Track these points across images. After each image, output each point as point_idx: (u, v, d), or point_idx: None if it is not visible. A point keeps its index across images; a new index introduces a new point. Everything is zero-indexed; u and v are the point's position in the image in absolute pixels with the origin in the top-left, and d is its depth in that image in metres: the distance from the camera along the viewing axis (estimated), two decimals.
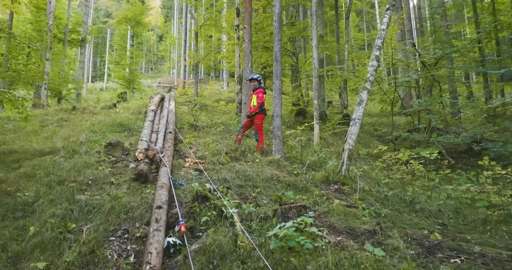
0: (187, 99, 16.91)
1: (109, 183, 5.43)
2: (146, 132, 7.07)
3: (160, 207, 4.10)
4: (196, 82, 16.30)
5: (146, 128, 7.45)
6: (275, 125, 6.96)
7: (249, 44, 10.20)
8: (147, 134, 7.02)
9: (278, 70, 7.03)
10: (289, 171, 6.12)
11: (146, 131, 7.16)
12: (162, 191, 4.58)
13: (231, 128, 10.19)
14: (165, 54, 58.62)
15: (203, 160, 6.67)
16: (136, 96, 23.30)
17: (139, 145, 6.31)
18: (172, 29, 62.31)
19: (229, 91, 22.56)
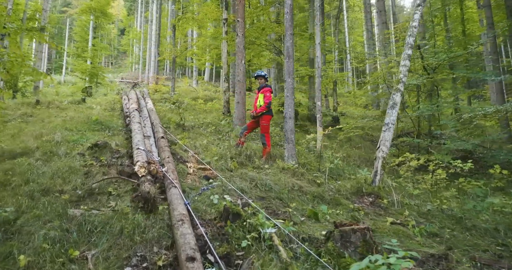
0: (162, 97, 15.84)
1: (106, 194, 4.52)
2: (139, 138, 5.91)
3: (192, 259, 2.72)
4: (173, 78, 15.29)
5: (137, 133, 6.24)
6: (288, 128, 6.30)
7: (242, 39, 9.49)
8: (141, 140, 5.80)
9: (291, 67, 6.37)
10: (309, 180, 5.49)
11: (138, 137, 5.97)
12: (185, 229, 3.20)
13: (221, 129, 9.41)
14: (128, 49, 56.15)
15: (206, 165, 5.88)
16: (100, 91, 21.75)
17: (136, 155, 5.02)
18: (135, 23, 59.90)
19: (203, 89, 21.62)
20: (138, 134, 6.09)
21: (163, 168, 4.61)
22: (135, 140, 5.82)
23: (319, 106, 8.29)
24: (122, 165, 5.25)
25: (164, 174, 4.41)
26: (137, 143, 5.59)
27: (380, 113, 15.77)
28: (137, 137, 5.93)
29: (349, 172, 6.16)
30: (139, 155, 4.91)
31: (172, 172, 4.56)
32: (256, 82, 7.76)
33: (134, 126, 6.76)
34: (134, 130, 6.42)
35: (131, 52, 55.56)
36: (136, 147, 5.30)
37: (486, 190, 6.10)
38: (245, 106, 9.67)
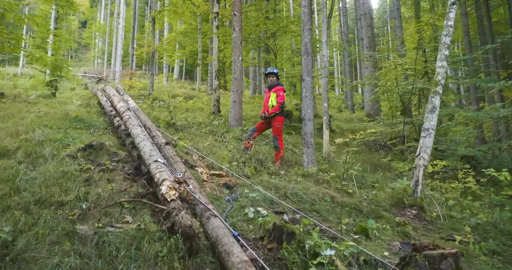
0: (140, 93, 14.85)
1: (117, 206, 3.78)
2: (150, 146, 4.62)
3: None
4: (152, 74, 14.33)
5: (144, 139, 4.94)
6: (307, 131, 5.78)
7: (239, 34, 8.89)
8: (153, 149, 4.55)
9: (309, 64, 5.87)
10: (338, 189, 5.00)
11: (148, 145, 4.69)
12: None
13: (215, 130, 8.74)
14: (90, 42, 53.47)
15: (219, 170, 5.24)
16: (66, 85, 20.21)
17: (157, 170, 3.73)
18: (98, 15, 57.32)
19: (179, 86, 20.69)
20: (145, 141, 4.96)
21: (189, 187, 3.81)
22: (145, 148, 4.57)
23: (325, 108, 7.86)
24: (131, 174, 4.51)
25: (194, 196, 3.45)
26: (150, 153, 4.38)
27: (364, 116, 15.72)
28: (146, 145, 4.72)
29: (372, 179, 5.74)
30: (161, 170, 3.72)
31: (200, 191, 3.70)
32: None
33: (136, 131, 5.53)
34: (138, 135, 5.23)
35: (93, 46, 53.06)
36: (152, 159, 4.14)
37: (503, 198, 5.90)
38: (242, 106, 9.07)
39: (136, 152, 4.91)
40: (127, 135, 5.83)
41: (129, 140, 5.66)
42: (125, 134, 5.95)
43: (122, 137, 6.09)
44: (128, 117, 6.36)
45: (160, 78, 24.45)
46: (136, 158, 4.84)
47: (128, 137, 5.78)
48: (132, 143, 5.36)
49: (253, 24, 10.70)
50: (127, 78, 18.12)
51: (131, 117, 6.30)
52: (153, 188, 3.87)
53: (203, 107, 13.66)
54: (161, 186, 3.29)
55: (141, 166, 4.53)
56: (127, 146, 5.58)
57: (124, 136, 5.93)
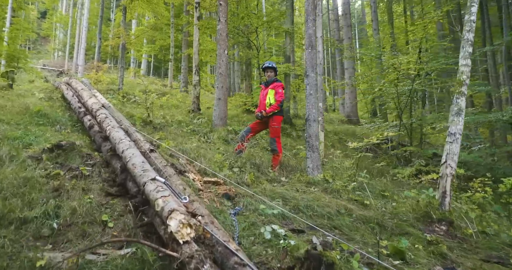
0: (108, 88, 13.72)
1: (98, 224, 2.99)
2: (139, 157, 3.59)
3: None
4: (122, 67, 13.25)
5: (131, 147, 3.88)
6: (312, 133, 5.17)
7: (225, 26, 8.18)
8: (145, 162, 3.51)
9: (314, 58, 5.26)
10: (351, 200, 4.42)
11: (137, 155, 3.65)
12: None
13: (197, 129, 7.96)
14: (50, 34, 50.50)
15: (214, 177, 4.52)
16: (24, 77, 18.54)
17: (157, 193, 2.67)
18: (60, 6, 54.41)
19: (150, 82, 19.59)
20: (133, 148, 3.87)
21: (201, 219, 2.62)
22: (134, 160, 3.51)
23: (320, 108, 7.30)
24: (114, 191, 3.67)
25: (213, 236, 2.42)
26: (142, 166, 3.33)
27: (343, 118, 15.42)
28: (135, 155, 3.64)
29: (379, 187, 5.21)
30: (165, 195, 2.61)
31: (212, 222, 2.67)
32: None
33: (117, 134, 4.41)
34: (122, 141, 4.10)
35: (54, 38, 50.24)
36: (148, 176, 3.04)
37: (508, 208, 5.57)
38: (227, 104, 8.35)
39: (119, 163, 3.95)
40: (104, 139, 4.83)
41: (106, 145, 4.59)
42: (101, 137, 4.90)
43: (96, 140, 5.04)
44: (104, 116, 5.32)
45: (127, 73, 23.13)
46: (119, 170, 3.81)
47: (105, 141, 4.81)
48: (113, 149, 4.36)
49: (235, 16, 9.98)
50: (92, 71, 16.82)
51: (108, 116, 5.29)
52: (150, 217, 2.90)
53: (178, 104, 12.79)
54: (169, 220, 2.30)
55: (127, 182, 3.57)
56: (105, 153, 4.52)
57: (100, 140, 4.89)
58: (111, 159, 4.24)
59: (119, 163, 3.93)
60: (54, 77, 21.77)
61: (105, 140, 4.80)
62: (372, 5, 19.60)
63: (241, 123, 9.42)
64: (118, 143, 4.14)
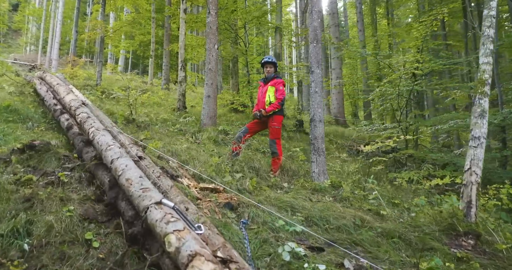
0: (85, 84, 12.92)
1: (80, 244, 2.44)
2: (132, 167, 2.88)
3: None
4: (100, 61, 12.49)
5: (121, 155, 3.14)
6: (318, 134, 4.72)
7: (215, 18, 7.67)
8: (143, 177, 2.74)
9: (319, 53, 4.82)
10: (363, 209, 4.00)
11: (130, 166, 2.90)
12: None
13: (184, 129, 7.40)
14: (23, 27, 48.35)
15: (211, 183, 4.01)
16: None
17: (166, 224, 1.95)
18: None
19: (129, 78, 18.76)
20: (125, 158, 3.09)
21: None
22: (129, 173, 2.74)
23: None
24: (103, 201, 3.05)
25: None
26: (141, 183, 2.57)
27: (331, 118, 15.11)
28: (129, 167, 2.87)
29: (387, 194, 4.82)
30: (179, 229, 1.89)
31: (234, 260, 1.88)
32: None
33: (104, 139, 3.59)
34: (110, 148, 3.31)
35: (26, 31, 48.24)
36: (151, 199, 2.29)
37: None
38: (217, 102, 7.82)
39: (107, 175, 3.21)
40: (86, 143, 4.06)
41: (89, 152, 3.83)
42: (82, 141, 4.11)
43: (76, 144, 4.24)
44: (86, 116, 4.53)
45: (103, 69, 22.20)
46: (108, 186, 3.04)
47: (87, 145, 4.01)
48: (98, 157, 3.55)
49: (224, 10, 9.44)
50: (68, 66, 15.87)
51: (90, 116, 4.54)
52: (155, 255, 2.13)
53: (161, 102, 12.15)
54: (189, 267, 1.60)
55: (118, 202, 2.81)
56: (88, 161, 3.68)
57: (81, 144, 4.08)
58: (95, 169, 3.44)
59: (107, 176, 3.17)
60: (26, 72, 20.61)
61: (87, 144, 4.00)
62: (358, 5, 19.45)
63: (230, 123, 8.91)
64: (105, 150, 3.36)
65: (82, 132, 4.45)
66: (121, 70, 31.71)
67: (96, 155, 3.60)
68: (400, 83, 6.85)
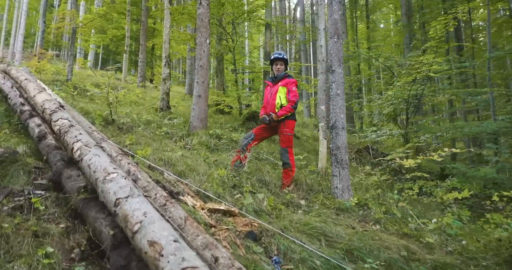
0: (55, 79, 11.77)
1: None
2: (156, 218, 1.81)
3: None
4: (71, 55, 11.40)
5: (133, 193, 2.03)
6: (340, 144, 4.08)
7: (207, 10, 6.95)
8: (174, 240, 1.62)
9: (340, 50, 4.20)
10: (399, 233, 3.40)
11: (153, 217, 1.81)
12: None
13: (171, 131, 6.61)
14: None
15: (219, 203, 3.29)
16: None
17: None
18: None
19: (100, 74, 17.62)
20: (138, 197, 2.04)
21: None
22: (153, 232, 1.67)
23: (323, 112, 6.27)
24: None
25: None
26: (180, 253, 1.53)
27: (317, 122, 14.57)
28: (152, 220, 1.78)
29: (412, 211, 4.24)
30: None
31: None
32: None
33: (98, 161, 2.49)
34: (112, 178, 2.21)
35: None
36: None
37: None
38: (208, 102, 7.06)
39: (108, 225, 2.09)
40: (68, 163, 2.89)
41: (74, 178, 2.70)
42: (62, 160, 2.96)
43: (52, 162, 3.07)
44: (67, 124, 3.31)
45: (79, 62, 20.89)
46: (111, 242, 1.91)
47: (69, 166, 2.86)
48: (89, 189, 2.44)
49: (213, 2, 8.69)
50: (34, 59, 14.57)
51: (74, 125, 3.32)
52: None
53: (138, 101, 11.23)
54: None
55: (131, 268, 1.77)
56: (73, 192, 2.52)
57: (60, 164, 2.90)
58: (85, 207, 2.32)
59: (108, 225, 2.08)
60: None
61: (70, 164, 2.87)
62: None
63: (219, 125, 8.18)
64: (103, 180, 2.22)
65: (60, 146, 3.40)
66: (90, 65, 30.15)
67: (86, 185, 2.48)
68: (412, 87, 6.38)
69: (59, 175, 2.78)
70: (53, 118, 3.52)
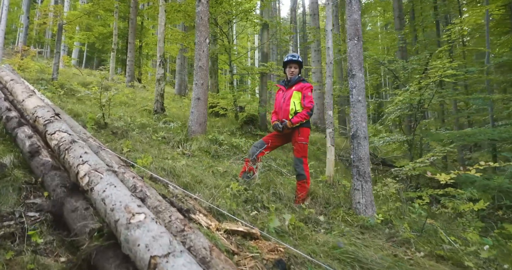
0: (39, 77, 11.16)
1: None
2: None
3: None
4: (57, 52, 10.82)
5: (172, 251, 1.42)
6: (362, 155, 3.76)
7: (206, 7, 6.58)
8: None
9: (361, 53, 3.88)
10: (432, 255, 3.11)
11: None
12: None
13: (167, 136, 6.20)
14: None
15: (236, 223, 2.94)
16: None
17: None
18: None
19: (87, 73, 17.00)
20: (182, 259, 1.42)
21: None
22: None
23: (330, 117, 5.94)
24: None
25: None
26: None
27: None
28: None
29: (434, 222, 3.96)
30: None
31: None
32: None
33: (118, 197, 1.85)
34: (140, 223, 1.61)
35: None
36: None
37: None
38: (207, 105, 6.67)
39: None
40: (72, 192, 2.31)
41: (81, 213, 2.12)
42: (64, 187, 2.40)
43: (51, 188, 2.48)
44: (68, 140, 2.70)
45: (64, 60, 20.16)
46: None
47: (73, 195, 2.28)
48: (105, 232, 1.81)
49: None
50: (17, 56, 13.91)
51: (76, 140, 2.70)
52: None
53: (128, 101, 10.75)
54: None
55: None
56: (82, 237, 1.92)
57: (61, 191, 2.35)
58: (103, 261, 1.72)
59: None
60: None
61: (74, 193, 2.27)
62: (334, 9, 18.97)
63: (216, 129, 7.79)
64: (127, 225, 1.62)
65: (58, 165, 2.80)
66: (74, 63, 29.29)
67: (102, 227, 1.84)
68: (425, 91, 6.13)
69: (60, 206, 2.21)
70: (49, 130, 2.96)
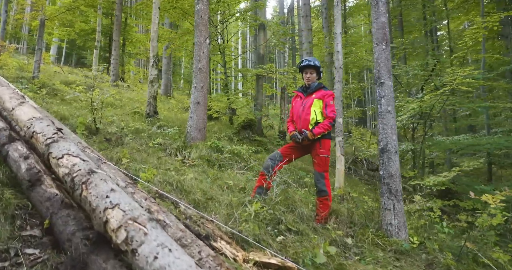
0: (19, 75, 10.45)
1: None
2: None
3: None
4: (39, 49, 10.13)
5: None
6: (393, 171, 3.43)
7: (206, 6, 6.19)
8: None
9: (389, 59, 3.56)
10: None
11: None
12: None
13: (164, 143, 5.76)
14: None
15: (262, 251, 2.57)
16: None
17: None
18: None
19: (68, 71, 16.22)
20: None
21: None
22: None
23: (340, 125, 5.62)
24: None
25: None
26: None
27: None
28: None
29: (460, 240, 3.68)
30: None
31: None
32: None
33: (171, 263, 1.32)
34: None
35: None
36: None
37: None
38: (206, 110, 6.24)
39: None
40: (96, 245, 1.69)
41: None
42: (86, 239, 1.75)
43: (65, 238, 1.83)
44: (85, 169, 1.97)
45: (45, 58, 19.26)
46: None
47: (99, 252, 1.65)
48: None
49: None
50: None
51: (96, 171, 1.97)
52: None
53: (115, 102, 10.19)
54: None
55: None
56: None
57: (83, 247, 1.70)
58: None
59: None
60: None
61: (98, 246, 1.67)
62: (324, 11, 18.82)
63: (213, 133, 7.38)
64: None
65: (70, 201, 2.10)
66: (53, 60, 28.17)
67: None
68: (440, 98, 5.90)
69: (82, 267, 1.62)
70: (54, 153, 2.23)
